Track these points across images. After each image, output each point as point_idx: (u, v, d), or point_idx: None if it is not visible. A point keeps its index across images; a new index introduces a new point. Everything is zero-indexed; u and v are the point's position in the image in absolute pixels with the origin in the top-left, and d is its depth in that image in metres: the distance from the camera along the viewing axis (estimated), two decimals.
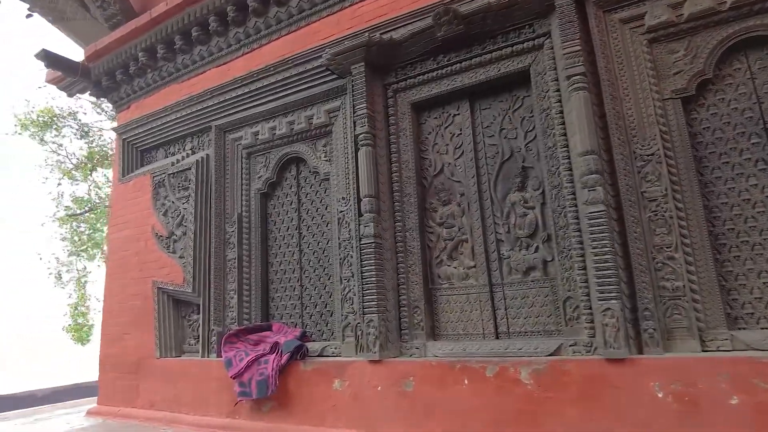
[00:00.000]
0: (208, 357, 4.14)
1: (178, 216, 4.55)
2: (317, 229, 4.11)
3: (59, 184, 15.28)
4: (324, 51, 3.83)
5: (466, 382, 2.93)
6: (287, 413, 3.51)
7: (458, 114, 3.62)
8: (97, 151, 15.35)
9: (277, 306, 4.20)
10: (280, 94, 4.16)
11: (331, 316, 3.89)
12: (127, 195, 4.97)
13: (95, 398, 5.89)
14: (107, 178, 16.90)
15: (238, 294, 4.16)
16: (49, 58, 4.92)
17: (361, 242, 3.42)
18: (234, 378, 3.65)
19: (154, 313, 4.44)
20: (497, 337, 3.22)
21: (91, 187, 16.52)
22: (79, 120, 15.05)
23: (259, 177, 4.37)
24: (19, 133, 13.98)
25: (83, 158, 15.25)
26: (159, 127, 4.89)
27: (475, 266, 3.38)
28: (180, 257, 4.43)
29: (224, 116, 4.45)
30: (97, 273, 16.86)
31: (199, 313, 4.40)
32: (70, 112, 14.76)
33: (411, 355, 3.29)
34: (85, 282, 16.04)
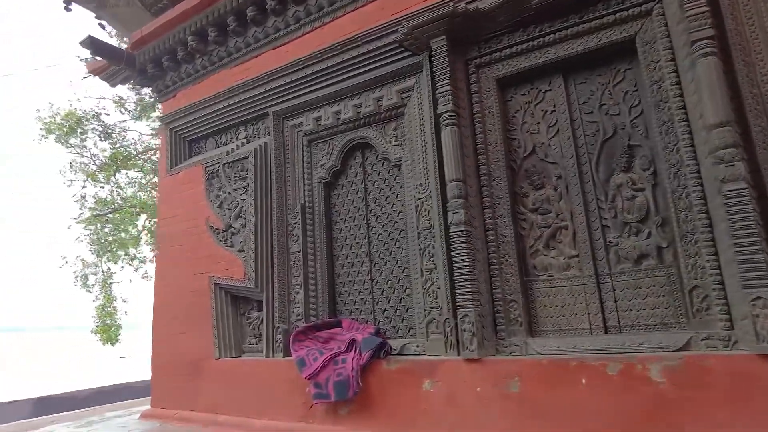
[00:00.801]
0: (273, 356, 3.88)
1: (235, 208, 4.30)
2: (387, 219, 3.83)
3: (84, 187, 15.19)
4: (397, 26, 3.56)
5: (583, 381, 2.63)
6: (369, 416, 3.24)
7: (550, 90, 3.32)
8: (121, 152, 15.24)
9: (344, 301, 3.93)
10: (346, 76, 3.89)
11: (407, 311, 3.61)
12: (177, 187, 4.74)
13: (141, 399, 5.70)
14: (129, 179, 16.84)
15: (304, 289, 3.90)
16: (94, 45, 4.70)
17: (450, 231, 3.13)
18: (308, 379, 3.38)
19: (211, 311, 4.20)
20: (606, 332, 2.92)
21: (113, 188, 16.47)
22: (103, 122, 14.95)
23: (322, 165, 4.10)
24: (45, 137, 13.87)
25: (106, 159, 15.15)
26: (209, 116, 4.65)
27: (577, 255, 3.07)
28: (239, 251, 4.18)
29: (283, 101, 4.20)
30: (121, 275, 16.80)
31: (259, 310, 4.15)
32: (93, 114, 14.66)
33: (510, 353, 3.00)
34: (111, 283, 15.97)
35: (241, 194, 4.28)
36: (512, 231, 3.18)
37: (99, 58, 5.02)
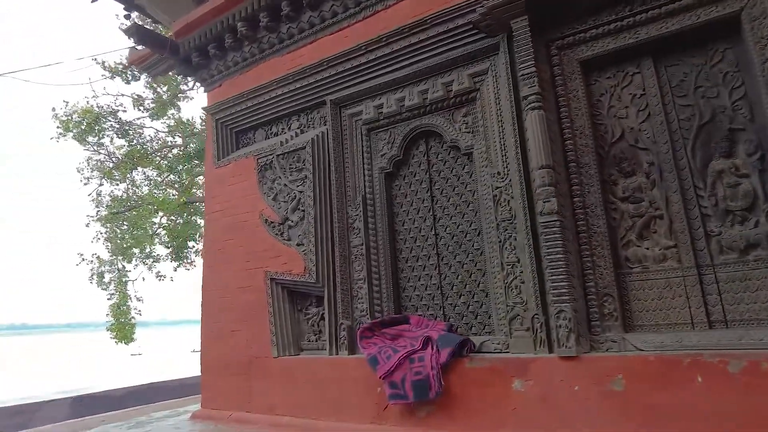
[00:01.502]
0: (337, 354, 3.72)
1: (292, 200, 4.13)
2: (455, 210, 3.66)
3: (101, 184, 15.08)
4: (469, 7, 3.39)
5: (699, 379, 2.45)
6: (450, 418, 3.06)
7: (638, 72, 3.14)
8: (138, 150, 15.11)
9: (409, 297, 3.76)
10: (411, 60, 3.72)
11: (482, 307, 3.44)
12: (226, 180, 4.57)
13: (183, 399, 5.54)
14: (146, 176, 16.72)
15: (368, 284, 3.73)
16: (139, 33, 4.55)
17: (540, 221, 2.96)
18: (382, 378, 3.21)
19: (268, 308, 4.03)
20: (710, 327, 2.73)
21: (129, 186, 16.35)
22: (120, 119, 14.83)
23: (382, 155, 3.93)
24: (63, 135, 13.73)
25: (123, 157, 15.02)
26: (259, 106, 4.49)
27: (675, 246, 2.89)
28: (298, 245, 4.01)
29: (342, 89, 4.03)
30: (134, 273, 16.70)
31: (318, 306, 3.98)
32: (111, 111, 14.53)
33: (607, 350, 2.82)
34: (126, 281, 15.86)
35: (298, 186, 4.11)
36: (604, 221, 3.00)
37: (141, 47, 4.86)
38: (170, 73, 5.18)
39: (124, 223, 14.71)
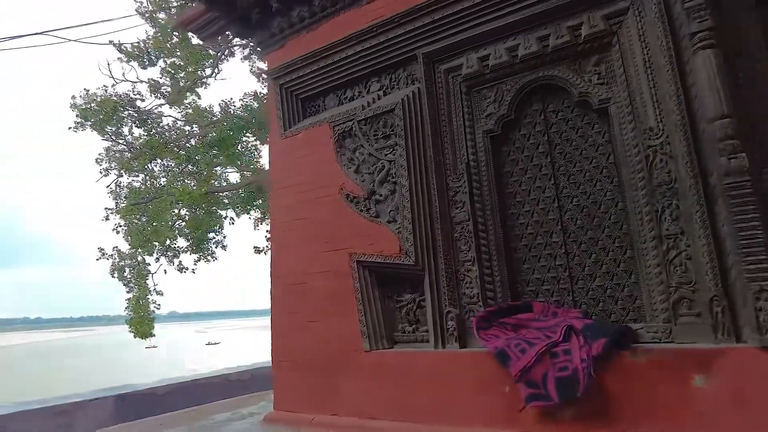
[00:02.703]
0: (444, 347, 3.19)
1: (379, 171, 3.59)
2: (584, 177, 3.11)
3: (120, 176, 14.61)
4: None
5: None
6: (607, 421, 2.53)
7: None
8: (156, 139, 14.61)
9: (527, 280, 3.22)
10: (528, 2, 3.15)
11: (624, 289, 2.90)
12: (295, 152, 4.04)
13: (240, 398, 5.04)
14: (164, 167, 16.23)
15: (478, 265, 3.19)
16: None
17: (726, 182, 2.40)
18: (517, 375, 2.68)
19: (356, 295, 3.50)
20: None
21: (147, 178, 15.87)
22: (138, 107, 14.32)
23: (487, 116, 3.38)
24: (82, 123, 13.23)
25: (141, 147, 14.52)
26: (332, 66, 3.93)
27: None
28: (389, 222, 3.48)
29: (437, 40, 3.47)
30: (153, 266, 16.29)
31: (413, 292, 3.45)
32: (129, 99, 14.02)
33: None
34: (146, 275, 15.45)
35: (387, 154, 3.57)
36: None
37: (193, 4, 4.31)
38: (222, 38, 4.66)
39: (144, 215, 14.21)
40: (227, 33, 4.56)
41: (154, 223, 14.04)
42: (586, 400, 2.55)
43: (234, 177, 18.85)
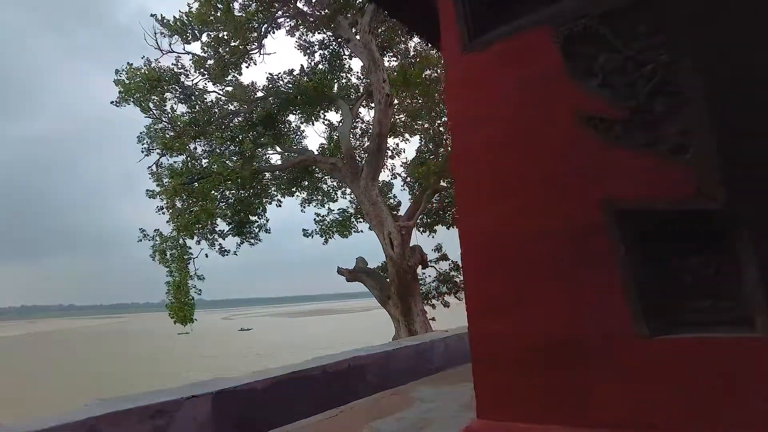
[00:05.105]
0: None
1: (647, 81, 2.51)
2: None
3: (162, 155, 13.77)
4: None
5: None
6: None
7: None
8: (200, 117, 13.72)
9: None
10: None
11: None
12: (489, 70, 2.98)
13: (365, 399, 4.06)
14: (205, 148, 15.38)
15: None
16: None
17: None
18: None
19: (615, 257, 2.46)
20: None
21: (188, 159, 15.03)
22: (182, 82, 13.42)
23: None
24: (125, 99, 12.39)
25: (184, 125, 13.65)
26: None
27: None
28: (672, 152, 2.41)
29: None
30: (195, 249, 15.58)
31: (706, 254, 2.39)
32: (172, 74, 13.12)
33: None
34: (188, 258, 14.71)
35: (661, 54, 2.50)
36: None
37: None
38: None
39: (190, 196, 13.37)
40: None
41: (200, 203, 13.17)
42: None
43: (275, 159, 17.98)
